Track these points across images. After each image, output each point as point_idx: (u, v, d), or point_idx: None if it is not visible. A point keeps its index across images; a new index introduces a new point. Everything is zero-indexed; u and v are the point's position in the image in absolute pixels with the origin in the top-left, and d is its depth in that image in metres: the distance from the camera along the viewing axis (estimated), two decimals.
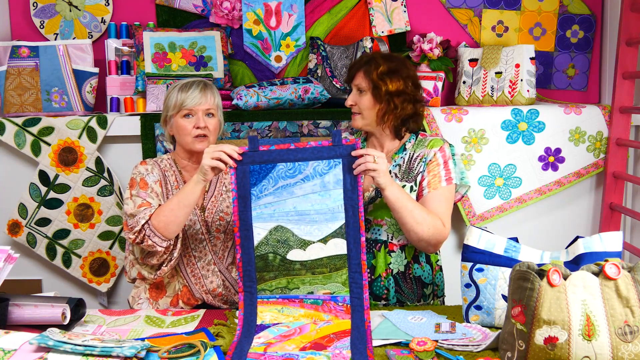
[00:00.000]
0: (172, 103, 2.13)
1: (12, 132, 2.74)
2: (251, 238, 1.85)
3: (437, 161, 2.07)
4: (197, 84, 2.14)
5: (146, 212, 1.99)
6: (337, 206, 1.85)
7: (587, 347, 1.39)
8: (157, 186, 2.10)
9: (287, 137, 2.76)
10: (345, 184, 1.85)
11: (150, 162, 2.18)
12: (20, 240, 2.83)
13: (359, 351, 1.62)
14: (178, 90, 2.13)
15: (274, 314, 1.82)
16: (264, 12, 3.04)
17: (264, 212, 1.86)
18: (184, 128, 2.12)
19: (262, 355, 1.62)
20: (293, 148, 1.88)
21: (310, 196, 1.86)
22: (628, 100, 2.80)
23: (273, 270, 1.85)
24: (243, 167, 1.87)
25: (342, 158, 1.86)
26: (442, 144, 2.10)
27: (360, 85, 2.09)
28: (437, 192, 2.03)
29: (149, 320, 1.94)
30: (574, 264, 1.67)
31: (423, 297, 2.13)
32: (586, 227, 2.96)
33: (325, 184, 1.86)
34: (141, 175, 2.11)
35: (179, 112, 2.12)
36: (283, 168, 1.87)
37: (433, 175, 2.05)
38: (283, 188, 1.87)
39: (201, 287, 2.12)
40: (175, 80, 2.79)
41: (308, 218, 1.86)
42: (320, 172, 1.87)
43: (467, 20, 3.10)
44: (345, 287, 1.83)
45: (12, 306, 1.76)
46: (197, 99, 2.11)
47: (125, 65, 2.97)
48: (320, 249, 1.85)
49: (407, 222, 1.95)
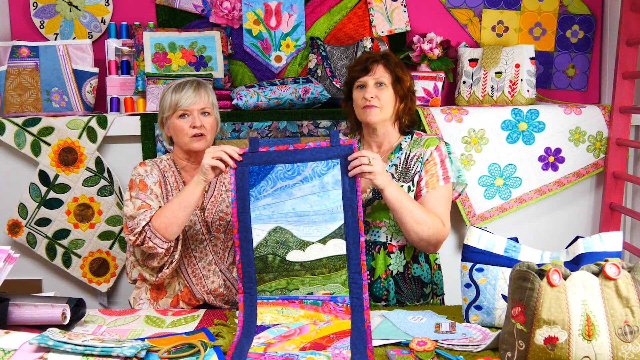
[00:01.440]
0: (167, 104, 2.13)
1: (12, 132, 2.74)
2: (250, 239, 1.85)
3: (434, 160, 2.07)
4: (191, 84, 2.14)
5: (146, 214, 1.99)
6: (336, 207, 1.84)
7: (587, 347, 1.39)
8: (157, 187, 2.10)
9: (287, 137, 2.76)
10: (344, 185, 1.85)
11: (150, 163, 2.18)
12: (20, 240, 2.83)
13: (359, 351, 1.62)
14: (172, 91, 2.13)
15: (274, 314, 1.82)
16: (264, 12, 3.04)
17: (263, 213, 1.86)
18: (180, 128, 2.12)
19: (262, 355, 1.62)
20: (292, 149, 1.88)
21: (309, 197, 1.86)
22: (628, 100, 2.80)
23: (272, 271, 1.85)
24: (242, 168, 1.87)
25: (340, 158, 1.86)
26: (438, 142, 2.10)
27: (382, 78, 2.07)
28: (435, 191, 2.03)
29: (149, 320, 1.94)
30: (574, 264, 1.67)
31: (423, 297, 2.13)
32: (586, 227, 2.96)
33: (324, 184, 1.86)
34: (140, 177, 2.11)
35: (175, 113, 2.12)
36: (282, 169, 1.87)
37: (431, 174, 2.05)
38: (282, 189, 1.86)
39: (202, 288, 2.12)
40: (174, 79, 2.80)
41: (307, 219, 1.85)
42: (319, 173, 1.86)
43: (467, 20, 3.10)
44: (344, 287, 1.82)
45: (12, 306, 1.76)
46: (191, 98, 2.10)
47: (125, 65, 2.97)
48: (320, 250, 1.84)
49: (407, 222, 1.95)
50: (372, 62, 2.09)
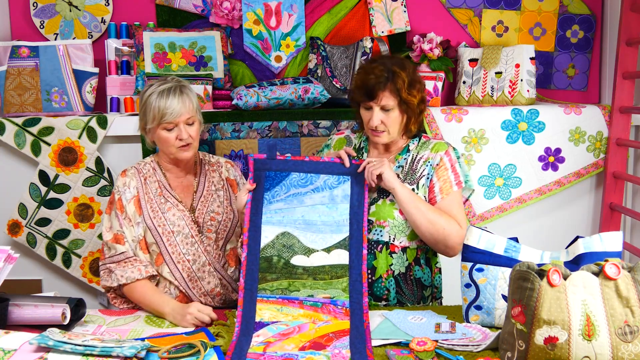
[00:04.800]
0: (151, 116, 2.06)
1: (12, 132, 2.74)
2: (258, 240, 1.92)
3: (445, 165, 2.08)
4: (174, 92, 2.05)
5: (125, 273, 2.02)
6: (343, 219, 1.94)
7: (587, 347, 1.39)
8: (132, 205, 2.08)
9: (287, 137, 2.76)
10: (352, 200, 1.97)
11: (130, 172, 2.14)
12: (20, 240, 2.83)
13: (358, 351, 1.62)
14: (156, 100, 2.04)
15: (273, 312, 1.83)
16: (264, 12, 3.04)
17: (274, 217, 1.95)
18: (166, 140, 2.07)
19: (262, 355, 1.62)
20: (307, 160, 2.01)
21: (319, 207, 1.96)
22: (628, 100, 2.80)
23: (276, 272, 1.89)
24: (259, 172, 1.98)
25: (351, 176, 2.00)
26: (447, 147, 2.11)
27: (387, 105, 2.02)
28: (450, 197, 2.06)
29: (149, 320, 1.94)
30: (574, 264, 1.67)
31: (422, 299, 2.13)
32: (586, 227, 2.96)
33: (334, 197, 1.97)
34: (119, 194, 2.10)
35: (160, 126, 2.06)
36: (296, 177, 1.99)
37: (444, 180, 2.07)
38: (294, 196, 1.97)
39: (199, 290, 2.10)
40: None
41: (314, 227, 1.94)
42: (330, 185, 1.99)
43: (467, 20, 3.10)
44: (345, 293, 1.86)
45: (12, 306, 1.77)
46: (176, 110, 2.03)
47: (125, 65, 2.97)
48: (324, 257, 1.91)
49: (422, 224, 1.99)
50: (377, 89, 2.01)
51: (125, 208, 2.08)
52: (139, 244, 2.08)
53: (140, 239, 2.08)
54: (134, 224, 2.08)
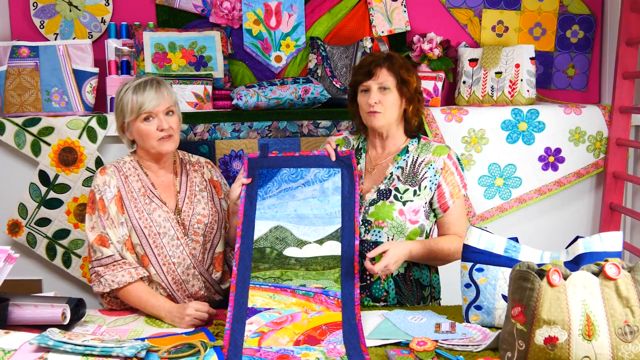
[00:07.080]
0: (129, 108, 2.02)
1: (12, 132, 2.74)
2: (251, 233, 1.95)
3: (450, 169, 2.10)
4: (150, 84, 2.03)
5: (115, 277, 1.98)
6: (335, 211, 1.98)
7: (587, 347, 1.39)
8: (113, 205, 2.04)
9: (287, 137, 2.76)
10: (344, 191, 2.00)
11: (110, 170, 2.09)
12: (20, 240, 2.83)
13: (352, 346, 1.65)
14: (132, 93, 2.02)
15: (266, 299, 1.85)
16: (264, 12, 3.04)
17: (267, 212, 1.99)
18: (147, 133, 2.03)
19: (257, 351, 1.64)
20: (297, 155, 2.07)
21: (310, 200, 2.00)
22: (628, 100, 2.80)
23: (268, 262, 1.92)
24: (253, 171, 2.04)
25: (341, 168, 2.04)
26: (449, 150, 2.12)
27: (385, 82, 2.05)
28: (459, 201, 2.10)
29: (149, 320, 1.94)
30: (574, 264, 1.67)
31: (422, 300, 2.13)
32: (586, 227, 2.96)
33: (325, 189, 2.01)
34: (100, 194, 2.05)
35: (138, 117, 2.03)
36: (287, 172, 2.04)
37: (452, 185, 2.09)
38: (286, 191, 2.02)
39: (183, 292, 2.08)
40: (176, 80, 2.80)
41: (307, 220, 1.98)
42: (321, 178, 2.03)
43: (467, 20, 3.10)
44: (337, 283, 1.88)
45: (12, 306, 1.77)
46: (154, 100, 2.01)
47: (125, 65, 2.97)
48: (316, 249, 1.93)
49: (442, 262, 2.10)
50: (375, 66, 2.07)
51: (107, 208, 2.03)
52: (125, 244, 2.03)
53: (125, 239, 2.04)
54: (117, 225, 2.03)
